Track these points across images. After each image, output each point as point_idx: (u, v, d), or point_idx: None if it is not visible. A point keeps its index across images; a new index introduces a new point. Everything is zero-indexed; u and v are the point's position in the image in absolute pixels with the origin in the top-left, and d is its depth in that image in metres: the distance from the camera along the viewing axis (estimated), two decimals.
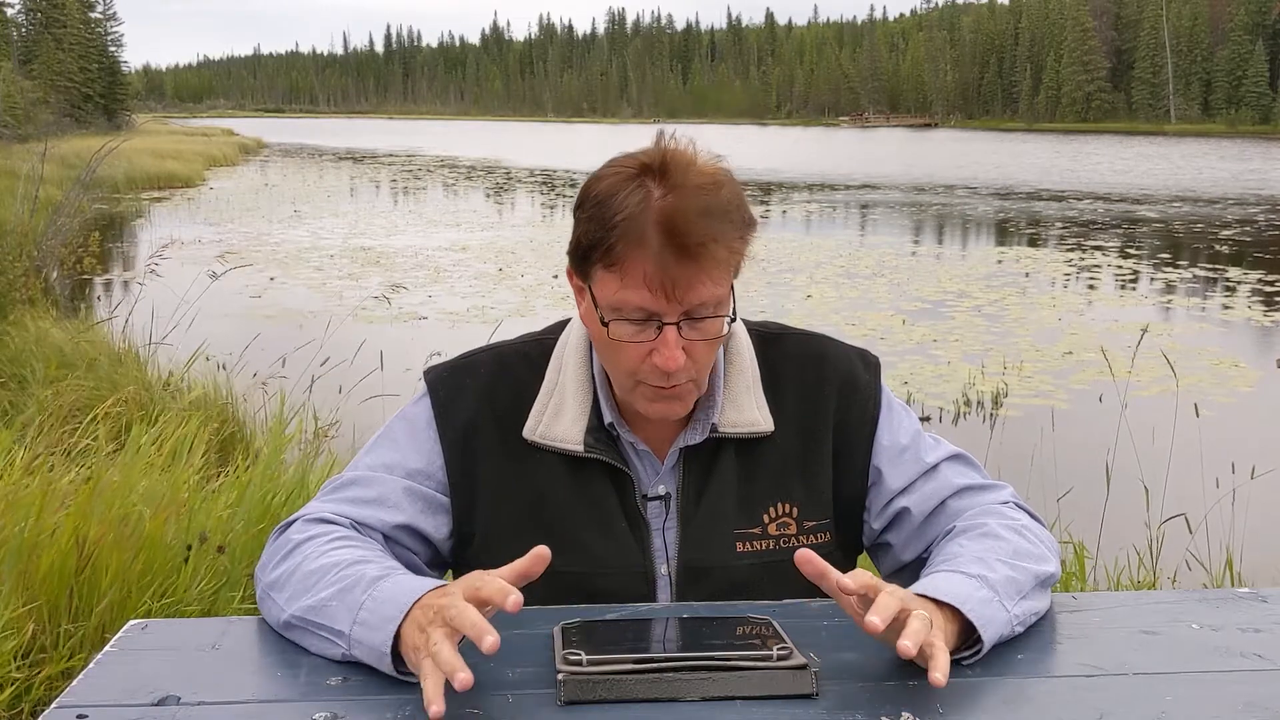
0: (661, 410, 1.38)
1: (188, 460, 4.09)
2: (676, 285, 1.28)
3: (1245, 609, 1.34)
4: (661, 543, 1.43)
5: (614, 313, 1.32)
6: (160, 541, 3.16)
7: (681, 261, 1.26)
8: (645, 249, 1.26)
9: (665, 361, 1.31)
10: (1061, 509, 3.97)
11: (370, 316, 11.32)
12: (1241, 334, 10.99)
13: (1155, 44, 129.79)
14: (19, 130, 35.07)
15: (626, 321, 1.32)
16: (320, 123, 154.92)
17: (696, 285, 1.29)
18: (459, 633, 1.06)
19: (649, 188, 1.28)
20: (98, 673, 1.17)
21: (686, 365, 1.33)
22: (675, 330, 1.31)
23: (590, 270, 1.33)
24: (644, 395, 1.38)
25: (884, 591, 1.12)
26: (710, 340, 1.35)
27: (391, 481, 1.43)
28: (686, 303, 1.30)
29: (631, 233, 1.27)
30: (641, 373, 1.35)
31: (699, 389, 1.40)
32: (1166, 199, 27.58)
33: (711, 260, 1.28)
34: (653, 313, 1.30)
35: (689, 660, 1.11)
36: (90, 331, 7.66)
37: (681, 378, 1.34)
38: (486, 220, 22.41)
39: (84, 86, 64.04)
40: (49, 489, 3.32)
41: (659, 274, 1.27)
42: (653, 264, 1.26)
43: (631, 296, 1.29)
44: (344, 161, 47.69)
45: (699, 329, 1.32)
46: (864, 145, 70.86)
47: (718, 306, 1.33)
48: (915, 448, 1.49)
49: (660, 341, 1.31)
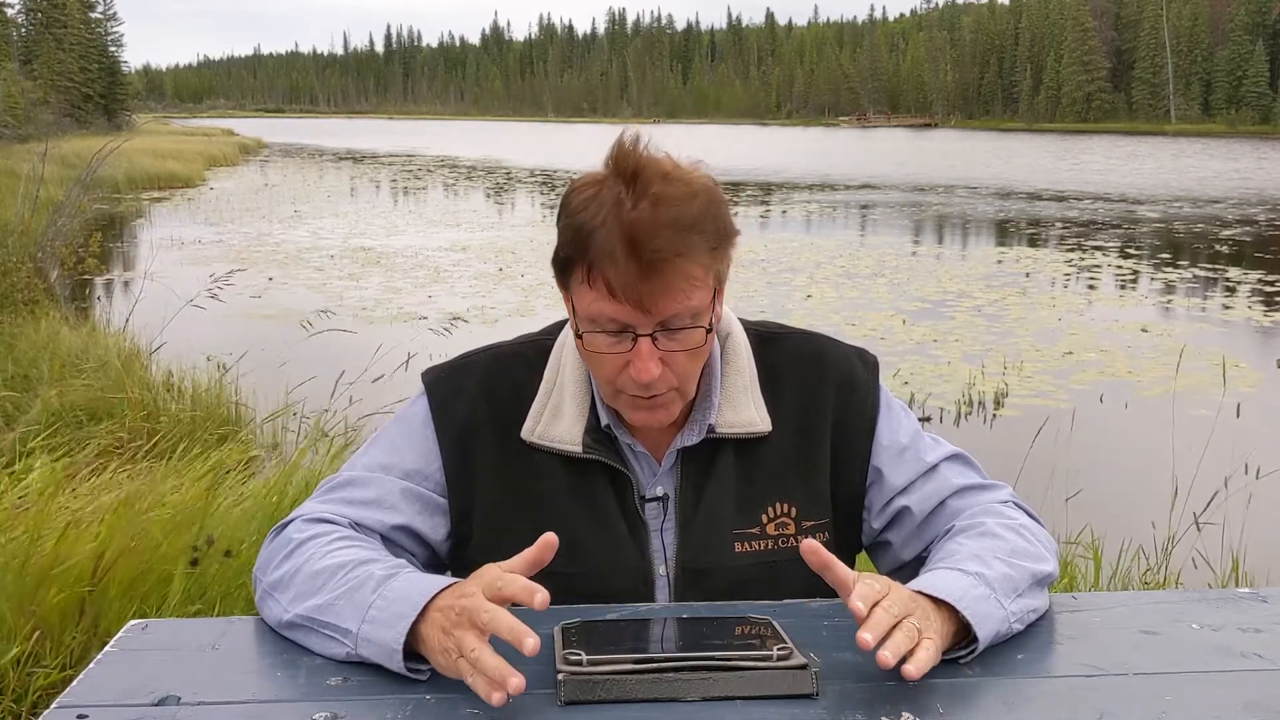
0: (644, 419, 1.38)
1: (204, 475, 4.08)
2: (644, 298, 1.27)
3: (1245, 609, 1.34)
4: (660, 544, 1.43)
5: (589, 324, 1.32)
6: (171, 555, 3.15)
7: (648, 276, 1.26)
8: (614, 262, 1.26)
9: (639, 373, 1.31)
10: (1061, 509, 3.97)
11: (370, 316, 11.32)
12: (1241, 334, 10.98)
13: (1155, 44, 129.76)
14: (19, 130, 35.05)
15: (602, 333, 1.32)
16: (320, 123, 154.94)
17: (666, 298, 1.28)
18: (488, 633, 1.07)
19: (622, 200, 1.27)
20: (98, 673, 1.17)
21: (665, 375, 1.33)
22: (649, 342, 1.30)
23: (568, 281, 1.34)
24: (626, 404, 1.38)
25: (880, 606, 1.12)
26: (689, 351, 1.34)
27: (389, 482, 1.43)
28: (658, 314, 1.29)
29: (601, 246, 1.26)
30: (620, 383, 1.35)
31: (683, 397, 1.39)
32: (1166, 199, 27.57)
33: (679, 274, 1.27)
34: (626, 325, 1.30)
35: (689, 660, 1.11)
36: (95, 332, 7.66)
37: (661, 388, 1.34)
38: (486, 220, 22.40)
39: (84, 86, 64.01)
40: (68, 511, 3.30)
41: (626, 287, 1.26)
42: (620, 277, 1.26)
43: (604, 308, 1.29)
44: (344, 161, 47.68)
45: (676, 340, 1.32)
46: (864, 145, 70.87)
47: (695, 317, 1.32)
48: (915, 447, 1.49)
49: (634, 354, 1.31)
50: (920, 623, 1.13)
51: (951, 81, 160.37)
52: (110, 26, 74.99)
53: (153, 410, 5.83)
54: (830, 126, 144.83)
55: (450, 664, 1.09)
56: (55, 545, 3.01)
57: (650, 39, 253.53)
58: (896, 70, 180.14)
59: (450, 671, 1.10)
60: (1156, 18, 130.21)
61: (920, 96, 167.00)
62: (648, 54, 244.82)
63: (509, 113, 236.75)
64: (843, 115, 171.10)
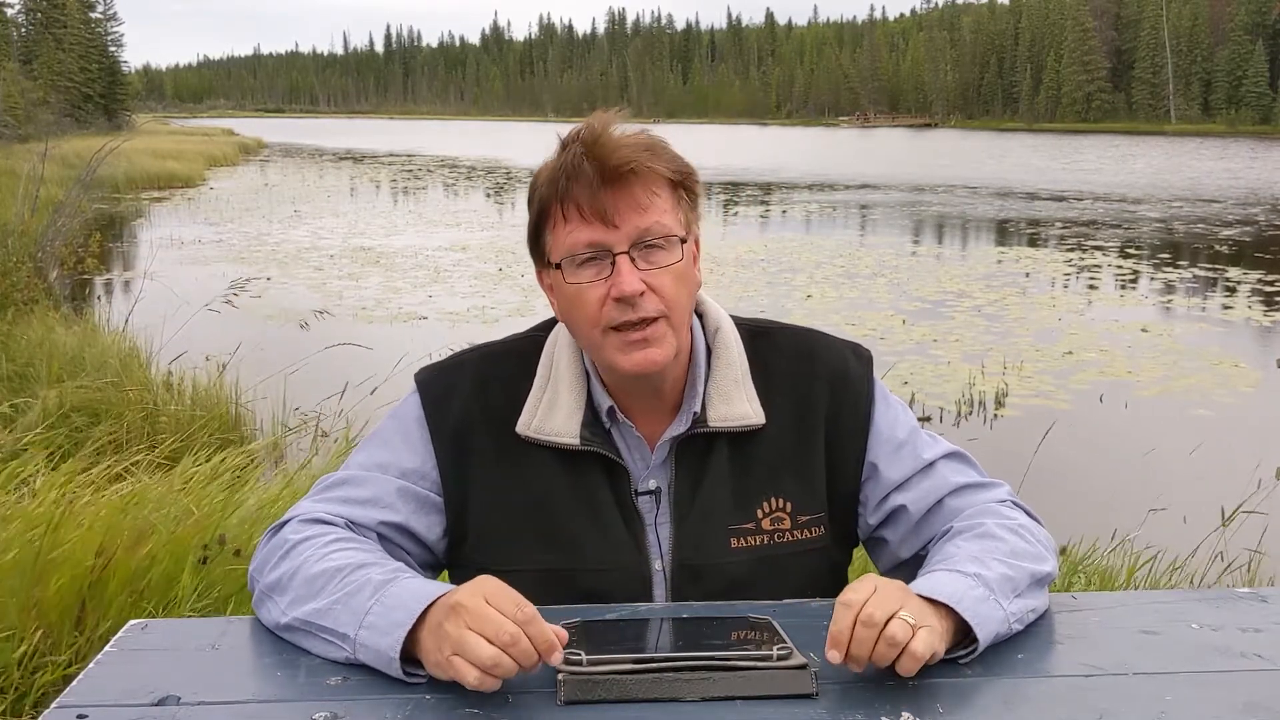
0: (640, 360, 1.36)
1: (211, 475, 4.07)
2: (614, 211, 1.33)
3: (1245, 609, 1.34)
4: (655, 539, 1.43)
5: (569, 260, 1.36)
6: (176, 556, 3.14)
7: (612, 186, 1.33)
8: (579, 183, 1.33)
9: (622, 286, 1.33)
10: (1061, 510, 3.97)
11: (370, 316, 11.32)
12: (1241, 334, 10.98)
13: (1155, 44, 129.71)
14: (19, 130, 35.05)
15: (583, 265, 1.35)
16: (320, 123, 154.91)
17: (634, 210, 1.34)
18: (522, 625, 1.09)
19: (581, 143, 1.35)
20: (98, 673, 1.17)
21: (649, 297, 1.34)
22: (627, 259, 1.34)
23: (543, 242, 1.39)
24: (617, 346, 1.37)
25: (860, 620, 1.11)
26: (667, 270, 1.36)
27: (385, 481, 1.42)
28: (629, 228, 1.34)
29: (566, 178, 1.34)
30: (607, 314, 1.35)
31: (674, 329, 1.39)
32: (1166, 199, 27.56)
33: (641, 182, 1.34)
34: (601, 245, 1.34)
35: (689, 660, 1.11)
36: (94, 333, 7.66)
37: (649, 309, 1.35)
38: (486, 220, 22.41)
39: (84, 87, 64.01)
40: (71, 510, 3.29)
41: (594, 202, 1.33)
42: (586, 194, 1.33)
43: (577, 235, 1.34)
44: (344, 161, 47.68)
45: (651, 259, 1.35)
46: (864, 145, 70.85)
47: (667, 238, 1.36)
48: (912, 443, 1.48)
49: (615, 273, 1.34)
50: (915, 616, 1.12)
51: (951, 81, 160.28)
52: (110, 26, 75.03)
53: (151, 410, 5.83)
54: (830, 126, 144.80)
55: (443, 660, 1.09)
56: (56, 541, 3.01)
57: (650, 39, 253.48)
58: (896, 70, 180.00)
59: (444, 668, 1.09)
60: (1156, 18, 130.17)
61: (920, 96, 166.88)
62: (648, 54, 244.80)
63: (509, 113, 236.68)
64: (843, 115, 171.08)
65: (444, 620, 1.11)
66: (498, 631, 1.07)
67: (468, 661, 1.07)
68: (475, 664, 1.07)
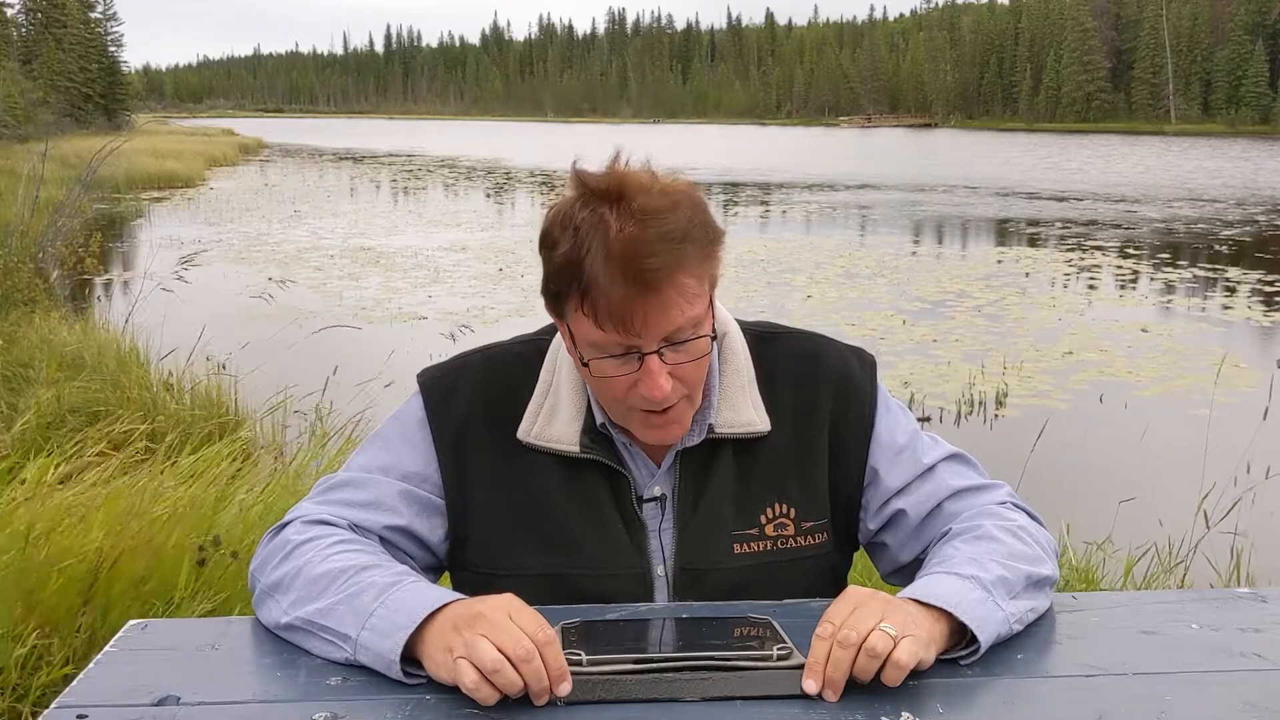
0: (659, 436, 1.38)
1: (210, 476, 4.07)
2: (648, 319, 1.26)
3: (1245, 609, 1.34)
4: (658, 544, 1.42)
5: (593, 350, 1.31)
6: (174, 554, 3.14)
7: (647, 295, 1.25)
8: (612, 288, 1.24)
9: (651, 391, 1.30)
10: (1062, 510, 3.97)
11: (369, 316, 11.32)
12: (1241, 334, 10.98)
13: (1155, 44, 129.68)
14: (19, 130, 35.04)
15: (607, 359, 1.31)
16: (320, 123, 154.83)
17: (668, 314, 1.27)
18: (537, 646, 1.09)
19: (606, 221, 1.24)
20: (98, 673, 1.17)
21: (676, 387, 1.32)
22: (657, 358, 1.30)
23: (563, 310, 1.32)
24: (639, 423, 1.37)
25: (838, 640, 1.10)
26: (696, 360, 1.33)
27: (386, 484, 1.42)
28: (662, 331, 1.28)
29: (594, 273, 1.24)
30: (631, 400, 1.34)
31: (693, 405, 1.39)
32: (1166, 199, 27.56)
33: (675, 289, 1.27)
34: (630, 346, 1.29)
35: (689, 660, 1.11)
36: (94, 333, 7.66)
37: (674, 398, 1.34)
38: (486, 220, 22.40)
39: (84, 86, 64.00)
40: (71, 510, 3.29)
41: (628, 311, 1.25)
42: (620, 302, 1.25)
43: (608, 335, 1.28)
44: (344, 161, 47.67)
45: (682, 351, 1.31)
46: (864, 145, 70.83)
47: (697, 327, 1.31)
48: (913, 448, 1.48)
49: (644, 372, 1.30)
50: (898, 626, 1.11)
51: (951, 81, 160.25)
52: (110, 26, 74.94)
53: (150, 409, 5.82)
54: (830, 126, 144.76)
55: (448, 661, 1.09)
56: (56, 541, 3.01)
57: (650, 39, 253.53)
58: (896, 70, 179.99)
59: (446, 669, 1.09)
60: (1156, 18, 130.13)
61: (920, 96, 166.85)
62: (647, 54, 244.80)
63: (509, 113, 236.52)
64: (843, 115, 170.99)
65: (461, 626, 1.10)
66: (515, 645, 1.07)
67: (470, 663, 1.07)
68: (478, 666, 1.06)
